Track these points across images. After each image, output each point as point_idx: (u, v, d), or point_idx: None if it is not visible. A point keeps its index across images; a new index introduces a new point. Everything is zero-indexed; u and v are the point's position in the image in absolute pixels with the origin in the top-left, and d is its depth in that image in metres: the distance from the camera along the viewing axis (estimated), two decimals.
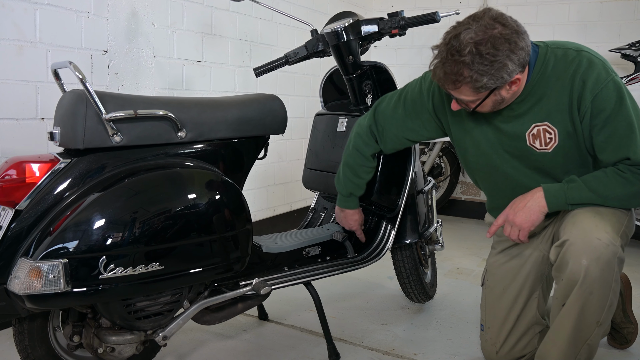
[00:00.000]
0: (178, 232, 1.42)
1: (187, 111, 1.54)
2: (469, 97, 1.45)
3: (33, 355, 1.47)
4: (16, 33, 2.00)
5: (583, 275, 1.40)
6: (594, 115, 1.45)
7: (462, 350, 2.00)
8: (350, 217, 1.98)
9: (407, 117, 1.78)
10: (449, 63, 1.39)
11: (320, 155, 2.16)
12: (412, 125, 1.78)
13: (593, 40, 3.73)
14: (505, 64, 1.37)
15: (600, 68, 1.45)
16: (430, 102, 1.72)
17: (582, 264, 1.39)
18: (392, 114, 1.81)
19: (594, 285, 1.40)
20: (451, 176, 4.17)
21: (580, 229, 1.42)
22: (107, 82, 2.34)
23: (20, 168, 1.35)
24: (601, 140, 1.46)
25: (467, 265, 3.05)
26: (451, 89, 1.45)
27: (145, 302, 1.47)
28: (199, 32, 2.77)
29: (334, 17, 2.08)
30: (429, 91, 1.72)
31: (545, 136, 1.52)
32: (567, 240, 1.43)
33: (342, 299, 2.48)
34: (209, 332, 2.08)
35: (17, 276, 1.28)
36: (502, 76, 1.38)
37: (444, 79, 1.43)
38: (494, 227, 1.60)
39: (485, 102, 1.46)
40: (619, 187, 1.45)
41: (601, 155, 1.49)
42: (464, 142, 1.68)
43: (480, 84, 1.39)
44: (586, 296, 1.41)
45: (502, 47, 1.36)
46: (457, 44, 1.37)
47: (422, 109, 1.74)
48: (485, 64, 1.36)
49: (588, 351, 1.50)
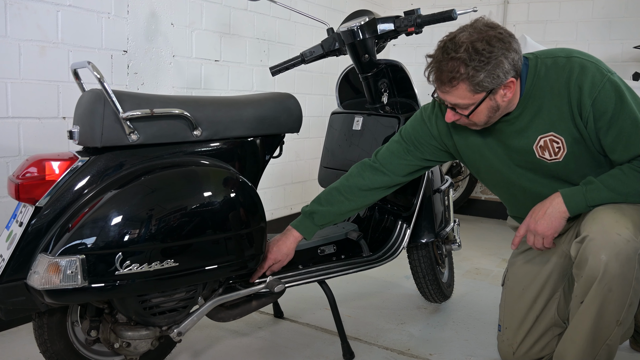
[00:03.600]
0: (193, 229, 1.44)
1: (202, 110, 1.56)
2: (464, 100, 1.43)
3: (52, 349, 1.51)
4: (39, 34, 2.05)
5: (602, 271, 1.37)
6: (596, 118, 1.43)
7: (478, 352, 1.98)
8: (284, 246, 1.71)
9: (414, 148, 1.71)
10: (445, 61, 1.39)
11: (336, 154, 2.16)
12: (420, 154, 1.72)
13: (617, 37, 3.66)
14: (501, 62, 1.38)
15: (594, 70, 1.43)
16: (434, 127, 1.68)
17: (602, 260, 1.37)
18: (398, 148, 1.73)
19: (613, 282, 1.38)
20: (470, 175, 4.13)
21: (600, 225, 1.40)
22: (127, 81, 2.38)
23: (40, 166, 1.38)
24: (609, 141, 1.45)
25: (486, 265, 3.02)
26: (447, 88, 1.43)
27: (161, 298, 1.49)
28: (217, 32, 2.79)
29: (350, 16, 2.08)
30: (431, 117, 1.69)
31: (553, 146, 1.51)
32: (587, 236, 1.41)
33: (358, 297, 2.48)
34: (224, 329, 2.10)
35: (36, 271, 1.31)
36: (498, 75, 1.39)
37: (440, 78, 1.42)
38: (516, 238, 1.58)
39: (480, 108, 1.45)
40: (637, 183, 1.43)
41: (612, 155, 1.47)
42: (475, 162, 1.67)
43: (477, 80, 1.38)
44: (605, 293, 1.39)
45: (497, 45, 1.38)
46: (453, 44, 1.39)
47: (426, 136, 1.70)
48: (482, 60, 1.37)
49: (608, 352, 1.47)
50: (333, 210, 1.74)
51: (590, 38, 3.74)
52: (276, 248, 1.71)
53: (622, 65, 3.60)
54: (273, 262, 1.71)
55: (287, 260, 1.73)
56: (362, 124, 2.10)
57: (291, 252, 1.73)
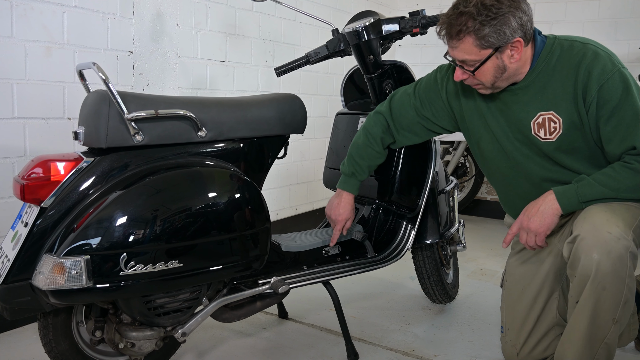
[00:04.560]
0: (197, 230, 1.44)
1: (207, 111, 1.56)
2: (471, 56, 1.48)
3: (57, 349, 1.51)
4: (45, 35, 2.06)
5: (595, 270, 1.38)
6: (600, 105, 1.45)
7: (483, 353, 1.97)
8: (344, 205, 1.88)
9: (421, 105, 1.80)
10: (455, 16, 1.46)
11: (341, 155, 2.16)
12: (425, 113, 1.80)
13: (623, 37, 3.64)
14: (508, 19, 1.43)
15: (606, 59, 1.46)
16: (444, 89, 1.75)
17: (594, 259, 1.38)
18: (407, 101, 1.83)
19: (606, 280, 1.38)
20: (476, 176, 4.12)
21: (591, 224, 1.41)
22: (132, 82, 2.38)
23: (46, 166, 1.39)
24: (608, 130, 1.47)
25: (491, 266, 3.01)
26: (455, 42, 1.49)
27: (165, 298, 1.50)
28: (222, 33, 2.80)
29: (355, 17, 2.08)
30: (443, 80, 1.76)
31: (550, 125, 1.53)
32: (578, 236, 1.42)
33: (363, 298, 2.48)
34: (228, 330, 2.10)
35: (41, 272, 1.32)
36: (504, 31, 1.43)
37: (449, 32, 1.48)
38: (509, 236, 1.59)
39: (486, 66, 1.49)
40: (629, 179, 1.45)
41: (608, 146, 1.49)
42: (478, 129, 1.69)
43: (482, 34, 1.43)
44: (599, 291, 1.39)
45: (505, 2, 1.43)
46: (464, 2, 1.47)
47: (435, 96, 1.78)
48: (489, 15, 1.42)
49: (606, 351, 1.47)
50: (368, 163, 1.89)
51: (596, 38, 3.67)
52: (341, 210, 1.88)
53: (628, 66, 3.54)
54: (345, 221, 1.89)
55: (353, 215, 1.92)
56: None
57: (353, 207, 1.92)
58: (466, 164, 4.13)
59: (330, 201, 1.93)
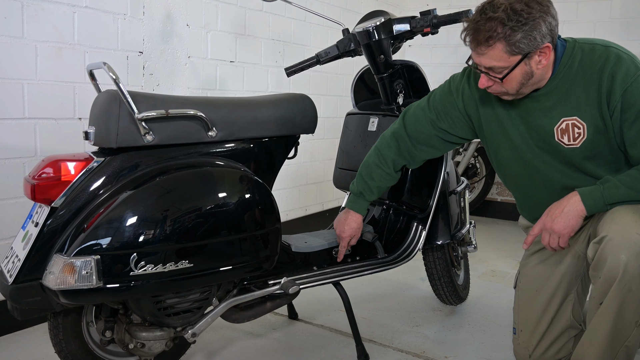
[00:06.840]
0: (207, 230, 1.44)
1: (217, 111, 1.55)
2: (499, 62, 1.43)
3: (67, 349, 1.51)
4: (55, 35, 2.06)
5: (622, 272, 1.35)
6: (624, 109, 1.42)
7: (494, 355, 1.95)
8: (349, 223, 1.87)
9: (437, 117, 1.76)
10: (483, 21, 1.40)
11: (351, 155, 2.15)
12: (442, 125, 1.76)
13: (636, 37, 3.60)
14: (539, 24, 1.39)
15: (629, 63, 1.43)
16: (460, 99, 1.71)
17: (621, 260, 1.35)
18: (422, 115, 1.79)
19: (633, 282, 1.35)
20: (486, 177, 4.10)
21: (619, 225, 1.38)
22: (142, 82, 2.39)
23: (56, 166, 1.39)
24: (632, 134, 1.44)
25: (502, 267, 2.99)
26: (483, 49, 1.43)
27: (175, 299, 1.49)
28: (232, 33, 2.80)
29: (365, 16, 2.07)
30: (458, 89, 1.72)
31: (573, 131, 1.50)
32: (606, 236, 1.39)
33: (373, 299, 2.47)
34: (238, 331, 2.10)
35: (51, 272, 1.32)
36: (535, 37, 1.39)
37: (477, 38, 1.42)
38: (530, 237, 1.56)
39: (514, 73, 1.44)
40: None
41: (632, 150, 1.46)
42: (497, 136, 1.66)
43: (514, 40, 1.38)
44: (625, 293, 1.37)
45: (535, 7, 1.39)
46: (491, 6, 1.41)
47: (451, 107, 1.73)
48: (520, 20, 1.37)
49: (626, 353, 1.45)
50: (378, 184, 1.87)
51: (607, 38, 3.64)
52: (347, 226, 1.87)
53: None
54: (350, 238, 1.88)
55: (360, 232, 1.91)
56: (377, 124, 2.09)
57: (361, 224, 1.91)
58: (477, 164, 4.10)
59: (339, 215, 1.92)
